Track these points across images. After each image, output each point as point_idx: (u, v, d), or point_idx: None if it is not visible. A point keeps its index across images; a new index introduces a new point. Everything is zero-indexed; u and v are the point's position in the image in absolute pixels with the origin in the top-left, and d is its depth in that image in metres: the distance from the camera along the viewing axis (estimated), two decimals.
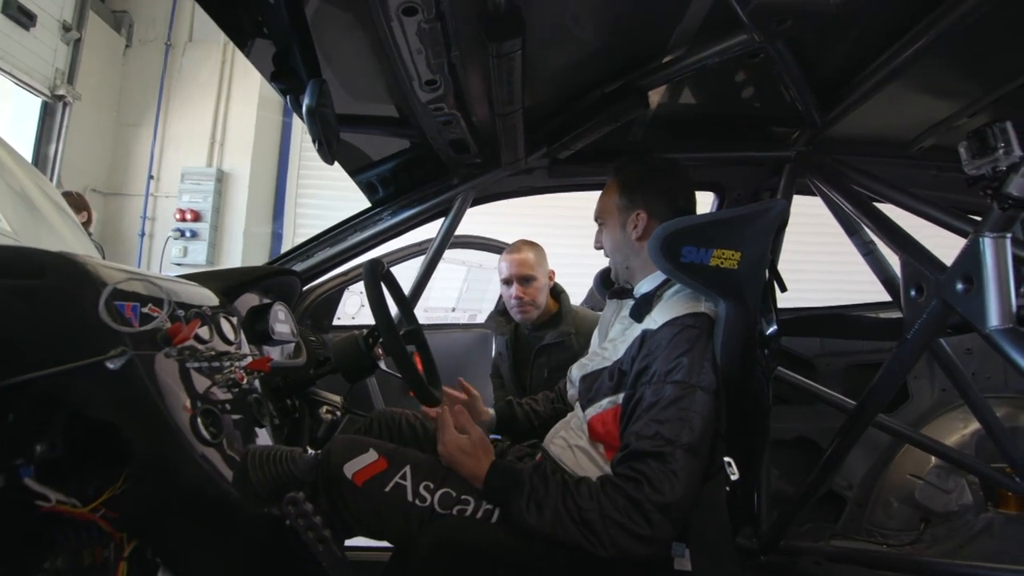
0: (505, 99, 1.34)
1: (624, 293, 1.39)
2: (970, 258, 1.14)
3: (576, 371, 1.36)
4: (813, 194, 1.86)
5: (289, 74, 1.20)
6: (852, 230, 1.72)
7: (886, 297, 2.26)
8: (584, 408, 1.28)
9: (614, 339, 1.30)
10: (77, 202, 3.70)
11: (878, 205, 1.56)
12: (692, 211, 1.33)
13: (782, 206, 1.29)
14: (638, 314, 1.26)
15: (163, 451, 0.91)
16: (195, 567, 0.99)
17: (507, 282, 2.22)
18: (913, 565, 1.71)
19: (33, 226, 1.47)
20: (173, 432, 0.92)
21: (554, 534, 1.04)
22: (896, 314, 1.84)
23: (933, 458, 2.03)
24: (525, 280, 2.17)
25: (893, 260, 1.66)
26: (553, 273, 2.32)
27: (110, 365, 0.84)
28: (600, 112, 1.56)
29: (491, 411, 1.63)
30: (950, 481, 2.01)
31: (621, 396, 1.18)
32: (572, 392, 1.39)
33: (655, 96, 1.62)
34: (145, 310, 0.96)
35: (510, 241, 3.13)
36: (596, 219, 1.43)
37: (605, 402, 1.22)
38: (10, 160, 1.61)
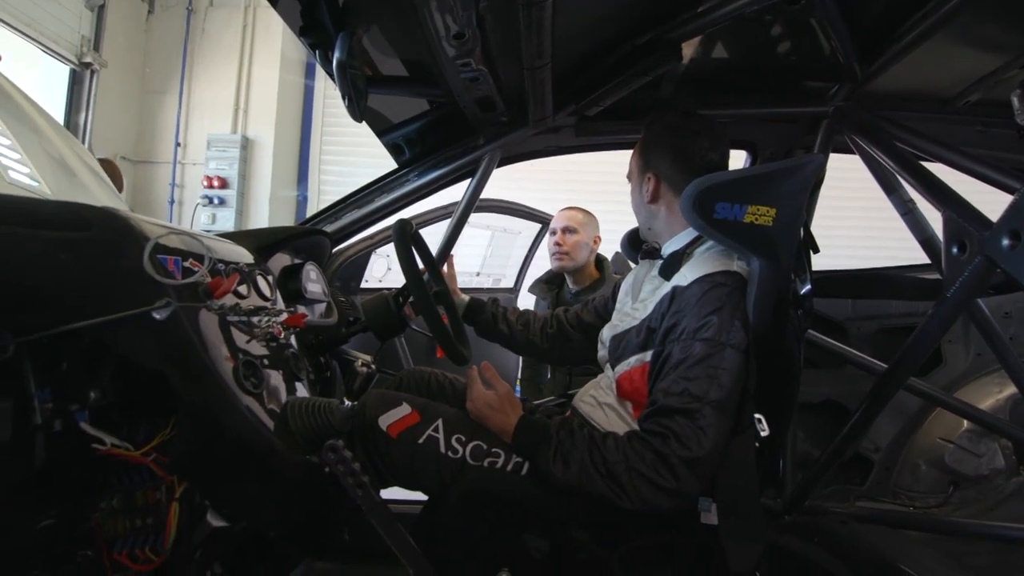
0: (534, 52, 1.31)
1: (655, 253, 1.37)
2: (1018, 213, 1.10)
3: (607, 331, 1.36)
4: (850, 151, 1.80)
5: (318, 28, 1.19)
6: (891, 188, 1.67)
7: (914, 262, 2.22)
8: (613, 367, 1.28)
9: (644, 299, 1.30)
10: (112, 170, 3.75)
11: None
12: (711, 169, 1.24)
13: (819, 160, 1.25)
14: (667, 272, 1.25)
15: (208, 400, 0.95)
16: (240, 509, 1.04)
17: (552, 232, 2.41)
18: (940, 525, 1.71)
19: (69, 188, 1.51)
20: (217, 382, 0.95)
21: (580, 487, 1.05)
22: (931, 276, 1.80)
23: (965, 422, 2.01)
24: (567, 231, 2.35)
25: (931, 221, 1.62)
26: (598, 240, 2.43)
27: (156, 316, 0.87)
28: (630, 66, 1.52)
29: (465, 297, 1.69)
30: (981, 445, 1.99)
31: (649, 353, 1.18)
32: (603, 353, 1.40)
33: (687, 49, 1.56)
34: (186, 264, 0.98)
35: (536, 206, 3.16)
36: (627, 178, 1.40)
37: (633, 360, 1.22)
38: (46, 125, 1.64)
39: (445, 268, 1.71)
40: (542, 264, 3.03)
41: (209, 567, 1.11)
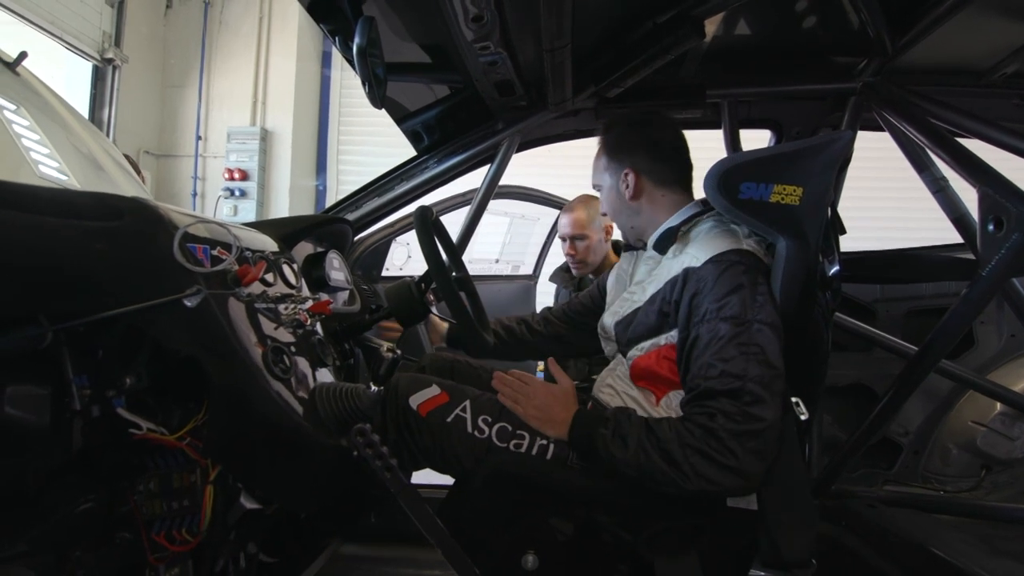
0: (554, 33, 1.29)
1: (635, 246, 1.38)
2: None
3: (608, 319, 1.35)
4: (878, 128, 1.76)
5: (337, 14, 1.18)
6: (922, 166, 1.62)
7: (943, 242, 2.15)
8: (625, 352, 1.28)
9: (641, 280, 1.29)
10: (133, 166, 3.83)
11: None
12: (682, 153, 1.31)
13: (847, 137, 1.22)
14: (662, 247, 1.23)
15: (239, 385, 0.96)
16: (272, 492, 1.06)
17: (563, 239, 2.42)
18: (972, 509, 1.69)
19: (97, 182, 1.54)
20: (248, 367, 0.96)
21: (640, 466, 1.03)
22: (963, 255, 1.75)
23: (998, 405, 1.96)
24: (576, 239, 2.37)
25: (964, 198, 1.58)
26: (611, 227, 2.40)
27: (187, 303, 0.89)
28: (652, 45, 1.49)
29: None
30: (1015, 428, 1.94)
31: (663, 337, 1.17)
32: (610, 347, 1.38)
33: (710, 26, 1.53)
34: (215, 252, 1.00)
35: (554, 191, 3.13)
36: (594, 186, 1.39)
37: (647, 344, 1.20)
38: (73, 120, 1.68)
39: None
40: (559, 251, 3.02)
41: (243, 547, 1.14)
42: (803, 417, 1.10)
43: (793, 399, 1.11)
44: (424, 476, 1.25)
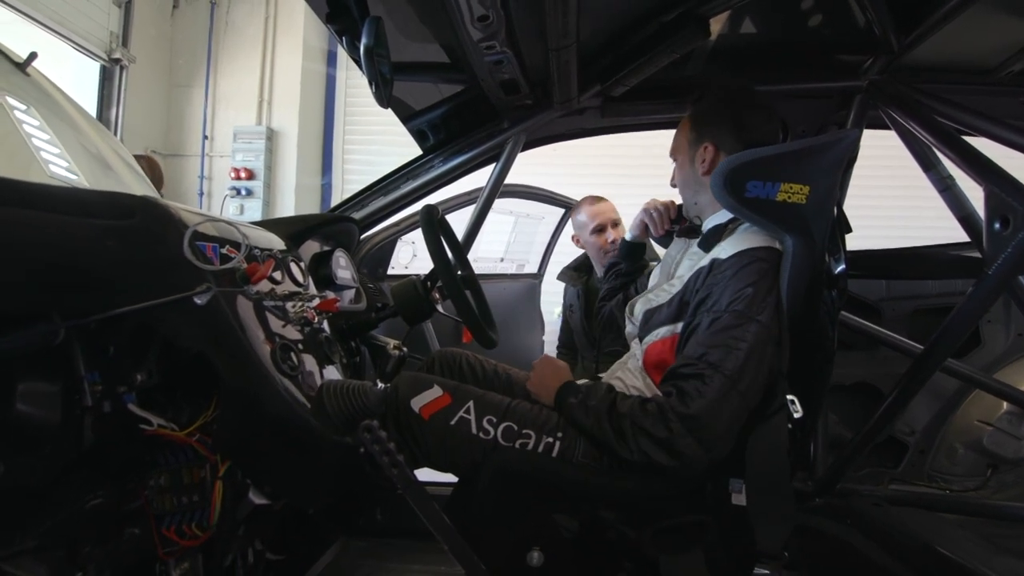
0: (559, 32, 1.29)
1: (693, 232, 1.36)
2: None
3: (640, 305, 1.35)
4: (884, 127, 1.75)
5: (344, 14, 1.19)
6: (928, 164, 1.62)
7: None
8: (641, 339, 1.29)
9: (682, 276, 1.28)
10: (152, 166, 3.80)
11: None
12: (767, 141, 1.24)
13: (854, 136, 1.22)
14: (707, 245, 1.24)
15: (248, 382, 0.97)
16: (280, 487, 1.07)
17: (600, 229, 2.34)
18: (978, 508, 1.68)
19: (106, 181, 1.56)
20: (257, 365, 0.97)
21: (595, 436, 1.12)
22: (970, 254, 1.74)
23: (1004, 404, 1.95)
24: (616, 224, 2.35)
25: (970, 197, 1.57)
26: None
27: (197, 300, 0.90)
28: (657, 44, 1.49)
29: None
30: (1022, 427, 1.93)
31: (680, 324, 1.18)
32: (631, 328, 1.39)
33: (715, 25, 1.53)
34: (224, 251, 1.01)
35: (559, 190, 3.13)
36: (671, 156, 1.39)
37: (663, 330, 1.22)
38: (82, 120, 1.69)
39: None
40: (563, 249, 3.02)
41: (252, 543, 1.15)
42: (796, 415, 1.11)
43: (789, 396, 1.12)
44: (429, 473, 1.25)
